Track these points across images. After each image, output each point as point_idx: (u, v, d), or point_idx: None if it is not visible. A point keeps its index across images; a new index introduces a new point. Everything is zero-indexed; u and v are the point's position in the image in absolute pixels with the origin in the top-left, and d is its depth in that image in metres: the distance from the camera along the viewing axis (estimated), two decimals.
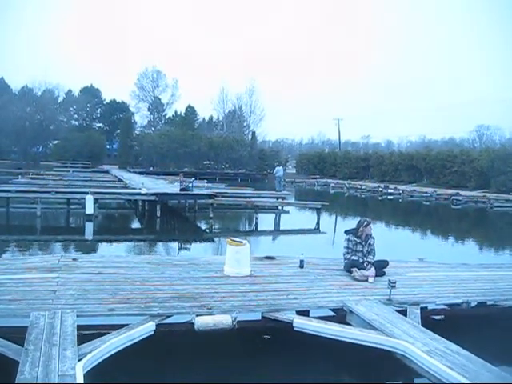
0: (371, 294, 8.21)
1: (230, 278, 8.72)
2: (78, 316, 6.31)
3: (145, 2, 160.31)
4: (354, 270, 9.28)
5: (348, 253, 9.67)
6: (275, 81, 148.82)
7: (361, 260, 9.52)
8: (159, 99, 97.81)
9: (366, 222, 9.75)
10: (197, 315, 6.64)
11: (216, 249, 18.42)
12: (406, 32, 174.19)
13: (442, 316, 8.33)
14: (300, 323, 6.78)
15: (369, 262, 9.45)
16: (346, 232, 9.87)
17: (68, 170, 51.63)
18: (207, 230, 23.26)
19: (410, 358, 5.91)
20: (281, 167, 39.10)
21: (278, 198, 32.01)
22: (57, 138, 77.71)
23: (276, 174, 39.56)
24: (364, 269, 9.28)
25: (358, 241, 9.65)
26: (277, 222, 27.69)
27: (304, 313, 7.64)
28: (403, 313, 7.42)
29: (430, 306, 8.36)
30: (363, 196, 52.38)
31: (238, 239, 9.19)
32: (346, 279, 9.19)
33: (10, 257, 13.65)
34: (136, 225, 26.60)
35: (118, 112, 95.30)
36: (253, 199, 27.51)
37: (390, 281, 7.93)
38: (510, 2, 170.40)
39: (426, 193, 49.56)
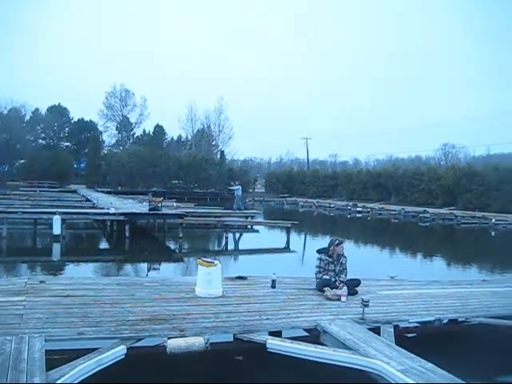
0: (344, 313, 8.19)
1: (201, 298, 8.61)
2: (46, 341, 6.11)
3: (113, 19, 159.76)
4: (326, 289, 9.25)
5: (320, 272, 9.66)
6: (243, 100, 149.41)
7: (333, 279, 9.50)
8: (127, 118, 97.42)
9: (337, 242, 9.76)
10: (169, 338, 6.52)
11: (186, 269, 18.27)
12: (372, 54, 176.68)
13: (415, 334, 8.35)
14: (274, 344, 6.70)
15: (341, 281, 9.44)
16: (318, 251, 9.86)
17: (35, 190, 50.85)
18: (177, 250, 23.08)
19: (386, 378, 5.87)
20: (239, 186, 39.00)
21: (247, 217, 32.01)
22: (23, 157, 76.77)
23: (235, 193, 39.45)
24: (336, 288, 9.26)
25: (330, 260, 9.64)
26: (246, 242, 27.59)
27: (277, 333, 7.55)
28: (377, 331, 7.40)
29: (403, 324, 8.34)
30: (332, 214, 52.63)
31: (209, 259, 9.10)
32: (319, 299, 9.16)
33: None
34: (104, 245, 26.24)
35: (85, 131, 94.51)
36: (222, 218, 27.44)
37: (362, 299, 7.93)
38: (479, 21, 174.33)
39: (394, 210, 50.14)
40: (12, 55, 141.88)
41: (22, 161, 77.62)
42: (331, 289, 9.24)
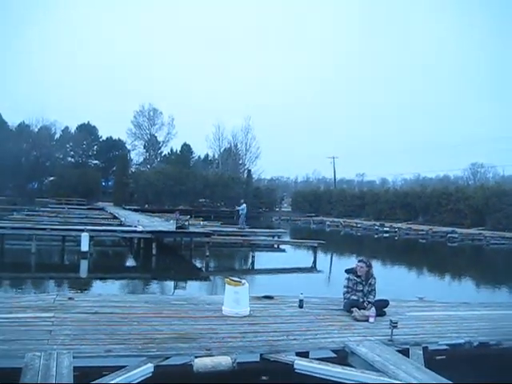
0: (372, 334, 8.07)
1: (228, 318, 8.57)
2: (74, 357, 6.13)
3: (142, 39, 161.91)
4: (354, 309, 9.15)
5: (348, 292, 9.56)
6: (271, 118, 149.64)
7: (361, 300, 9.40)
8: (155, 137, 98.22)
9: (368, 263, 9.68)
10: (196, 356, 6.50)
11: (212, 288, 18.28)
12: (400, 72, 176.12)
13: (445, 356, 8.21)
14: (301, 365, 6.62)
15: (369, 302, 9.33)
16: (347, 271, 9.77)
17: (63, 207, 51.42)
18: (203, 269, 23.10)
19: None
20: (244, 205, 38.99)
21: (274, 237, 31.99)
22: (52, 174, 77.82)
23: (240, 212, 39.31)
24: (364, 308, 9.16)
25: (359, 280, 9.55)
26: (273, 261, 27.48)
27: (304, 354, 7.47)
28: (405, 353, 7.28)
29: (433, 347, 8.19)
30: (359, 234, 52.33)
31: (236, 279, 9.07)
32: (347, 319, 9.06)
33: (5, 295, 13.46)
34: (131, 262, 26.39)
35: (114, 149, 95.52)
36: (249, 237, 27.43)
37: (391, 321, 7.81)
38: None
39: (422, 231, 49.62)
40: (43, 75, 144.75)
41: (51, 178, 78.69)
42: (359, 309, 9.14)
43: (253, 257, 24.44)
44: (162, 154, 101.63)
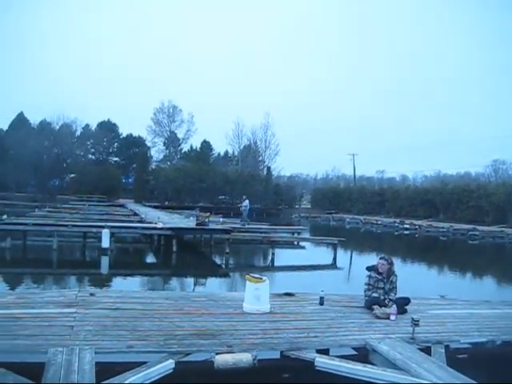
0: (394, 332, 8.01)
1: (249, 315, 8.56)
2: (96, 353, 6.16)
3: (161, 37, 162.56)
4: (375, 307, 9.09)
5: (369, 289, 9.50)
6: (290, 115, 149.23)
7: (382, 297, 9.35)
8: (175, 134, 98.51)
9: (389, 260, 9.62)
10: (216, 353, 6.49)
11: (232, 284, 18.30)
12: (417, 67, 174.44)
13: (466, 355, 8.14)
14: (322, 362, 6.59)
15: (390, 300, 9.27)
16: (368, 268, 9.71)
17: (84, 204, 51.81)
18: (223, 266, 23.18)
19: None
20: (247, 201, 38.90)
21: (293, 234, 31.96)
22: (73, 171, 78.53)
23: (243, 208, 39.17)
24: (385, 306, 9.09)
25: (380, 277, 9.49)
26: (293, 258, 27.45)
27: (324, 351, 7.45)
28: (427, 352, 7.22)
29: (454, 345, 8.11)
30: (379, 231, 52.12)
31: (257, 275, 9.07)
32: (368, 317, 9.00)
33: (27, 290, 13.60)
34: (152, 259, 26.50)
35: (134, 146, 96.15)
36: (269, 234, 27.42)
37: (412, 319, 7.75)
38: None
39: (443, 228, 49.29)
40: (63, 73, 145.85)
41: (72, 175, 79.39)
42: (380, 307, 9.08)
43: (273, 254, 24.46)
44: (182, 151, 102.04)
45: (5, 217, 24.38)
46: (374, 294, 9.40)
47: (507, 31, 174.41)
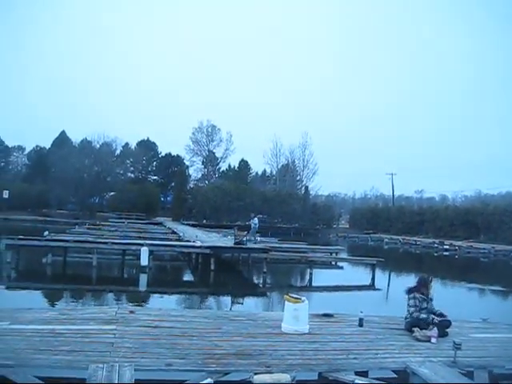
0: (435, 355, 7.85)
1: (287, 335, 8.53)
2: (135, 370, 6.21)
3: (199, 57, 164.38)
4: (415, 329, 8.96)
5: (416, 310, 9.35)
6: (328, 135, 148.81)
7: (431, 318, 9.20)
8: (213, 153, 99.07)
9: (430, 278, 9.51)
10: (255, 373, 6.47)
11: (270, 304, 18.24)
12: (455, 85, 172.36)
13: (511, 381, 7.92)
14: None
15: (433, 321, 9.11)
16: (410, 290, 9.57)
17: (123, 221, 52.38)
18: (261, 285, 23.11)
19: None
20: (256, 219, 38.19)
21: (331, 253, 31.76)
22: (113, 189, 79.60)
23: (252, 226, 38.30)
24: (426, 328, 8.95)
25: (424, 297, 9.38)
26: (330, 278, 27.24)
27: (363, 373, 7.35)
28: (469, 376, 7.07)
29: (499, 370, 7.90)
30: (418, 252, 51.44)
31: (296, 295, 9.03)
32: (408, 339, 8.87)
33: (68, 306, 13.79)
34: (189, 277, 26.62)
35: (172, 165, 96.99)
36: (306, 254, 27.30)
37: (454, 342, 7.58)
38: None
39: (484, 249, 48.38)
40: (104, 93, 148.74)
41: (111, 193, 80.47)
42: (420, 329, 8.94)
43: (310, 273, 24.30)
44: (220, 170, 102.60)
45: (46, 233, 24.86)
46: (423, 315, 9.25)
47: None
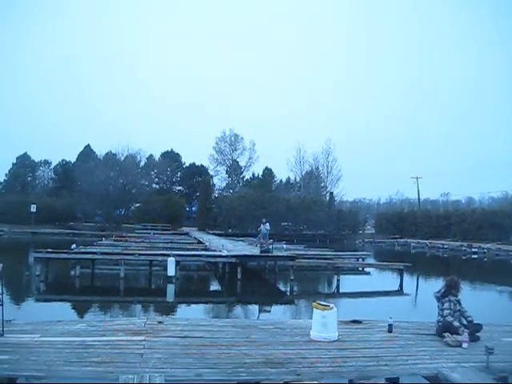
0: (467, 360, 7.75)
1: (317, 342, 8.49)
2: (165, 380, 6.25)
3: (220, 67, 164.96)
4: (446, 334, 8.85)
5: (451, 315, 9.23)
6: (352, 140, 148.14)
7: (464, 322, 9.11)
8: (237, 162, 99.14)
9: (459, 280, 9.44)
10: (285, 382, 6.46)
11: (297, 311, 18.18)
12: (479, 87, 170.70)
13: None
14: None
15: (463, 325, 9.01)
16: (442, 295, 9.47)
17: (149, 232, 52.66)
18: (288, 292, 23.04)
19: None
20: (266, 224, 37.58)
21: (358, 259, 31.60)
22: (138, 200, 79.97)
23: (265, 230, 37.74)
24: (457, 333, 8.83)
25: (458, 300, 9.31)
26: (358, 284, 27.06)
27: (394, 380, 7.29)
28: (503, 381, 6.96)
29: None
30: (446, 255, 50.91)
31: (324, 303, 8.99)
32: (438, 344, 8.77)
33: (97, 318, 13.88)
34: (216, 286, 26.66)
35: (197, 175, 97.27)
36: (333, 261, 27.19)
37: (487, 347, 7.47)
38: None
39: None
40: (128, 106, 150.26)
41: (137, 204, 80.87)
42: (451, 334, 8.83)
43: (338, 280, 24.15)
44: (244, 179, 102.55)
45: (74, 246, 25.14)
46: (456, 323, 9.12)
47: None
